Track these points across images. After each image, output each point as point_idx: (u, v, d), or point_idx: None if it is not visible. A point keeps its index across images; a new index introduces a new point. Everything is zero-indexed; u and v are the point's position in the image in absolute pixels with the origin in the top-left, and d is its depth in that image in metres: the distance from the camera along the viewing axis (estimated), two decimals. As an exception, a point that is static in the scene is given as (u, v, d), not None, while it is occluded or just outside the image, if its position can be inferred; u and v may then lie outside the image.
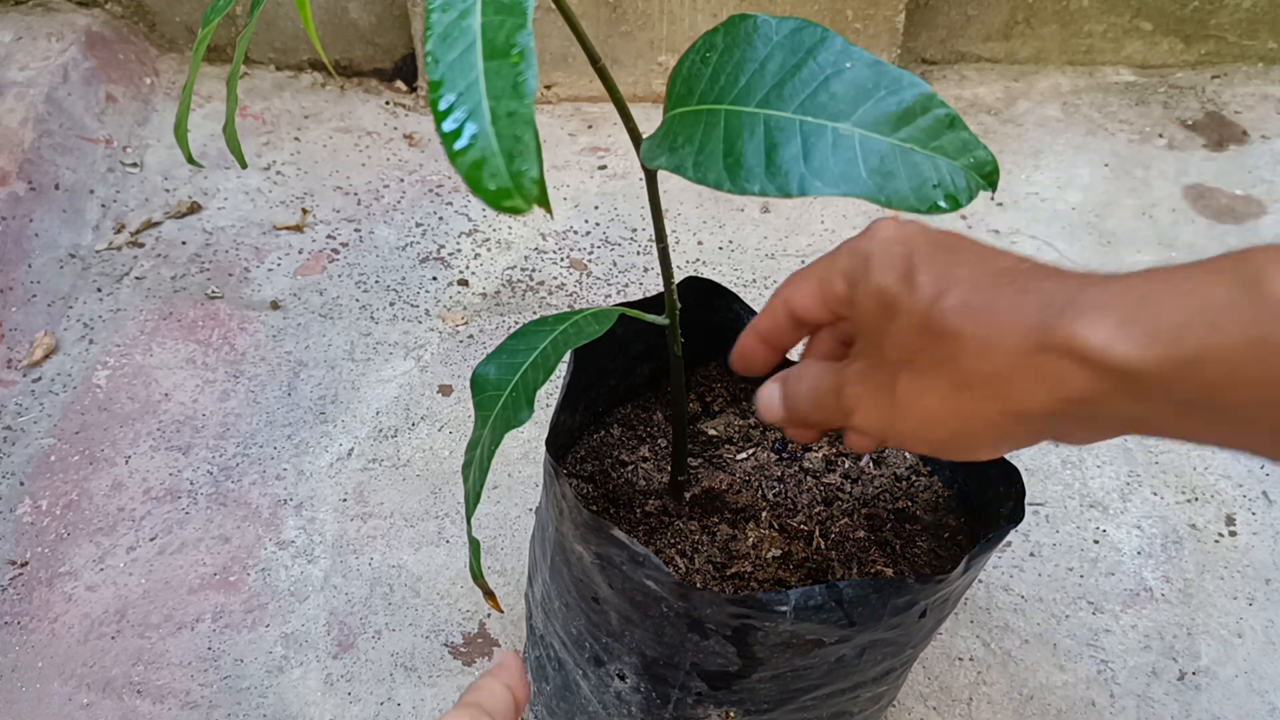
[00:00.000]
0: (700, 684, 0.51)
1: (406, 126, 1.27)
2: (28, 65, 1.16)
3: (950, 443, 0.35)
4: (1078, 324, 0.30)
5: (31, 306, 1.00)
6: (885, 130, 0.32)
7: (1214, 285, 0.29)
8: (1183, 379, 0.29)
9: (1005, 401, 0.33)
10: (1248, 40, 1.37)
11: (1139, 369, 0.29)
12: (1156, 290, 0.29)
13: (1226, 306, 0.28)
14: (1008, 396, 0.33)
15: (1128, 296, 0.30)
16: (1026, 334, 0.32)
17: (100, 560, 0.83)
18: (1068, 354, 0.31)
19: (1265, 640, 0.80)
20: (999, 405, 0.33)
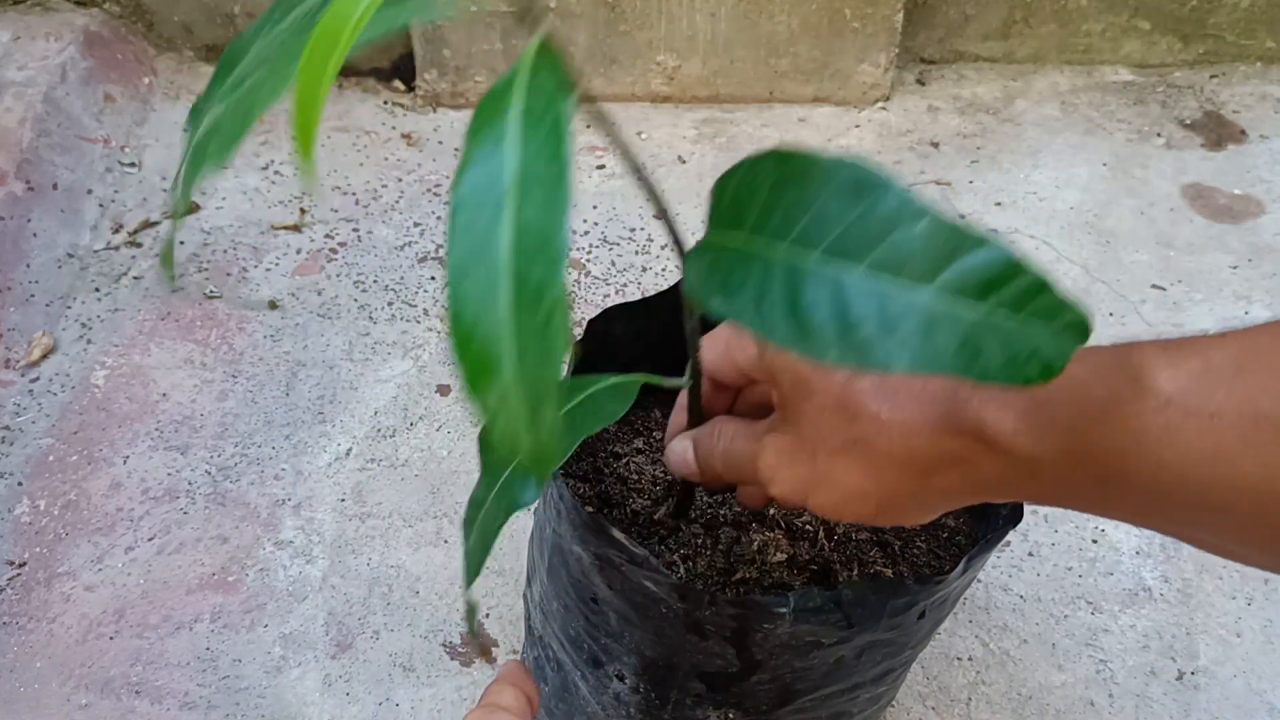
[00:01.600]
0: (699, 685, 0.51)
1: (405, 126, 1.27)
2: (26, 65, 1.16)
3: (876, 516, 0.36)
4: (984, 412, 0.32)
5: (29, 306, 1.00)
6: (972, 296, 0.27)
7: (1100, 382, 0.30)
8: (1077, 470, 0.31)
9: (925, 480, 0.34)
10: (1246, 40, 1.37)
11: (1039, 460, 0.31)
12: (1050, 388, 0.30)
13: (1110, 402, 0.30)
14: (927, 477, 0.34)
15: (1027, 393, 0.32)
16: (938, 421, 0.33)
17: (98, 560, 0.83)
18: (976, 441, 0.32)
19: (1264, 640, 0.80)
20: (920, 484, 0.35)
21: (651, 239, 1.12)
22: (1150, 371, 0.29)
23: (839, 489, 0.36)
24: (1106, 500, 0.31)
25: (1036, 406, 0.31)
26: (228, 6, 1.28)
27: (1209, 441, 0.28)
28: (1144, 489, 0.30)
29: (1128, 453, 0.29)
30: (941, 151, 1.26)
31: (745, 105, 1.32)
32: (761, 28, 1.25)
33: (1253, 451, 0.27)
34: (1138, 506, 0.31)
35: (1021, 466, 0.32)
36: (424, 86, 1.29)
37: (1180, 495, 0.29)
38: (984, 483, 0.33)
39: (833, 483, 0.36)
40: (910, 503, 0.36)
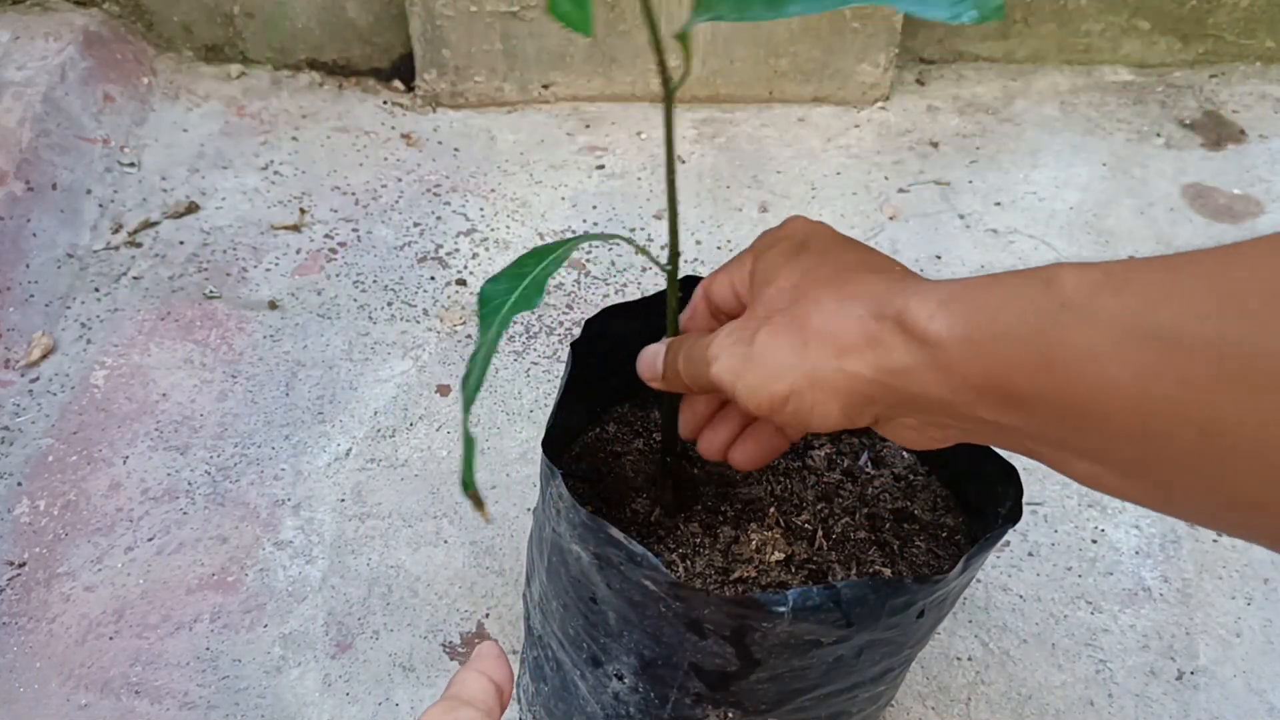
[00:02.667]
0: (698, 684, 0.51)
1: (404, 126, 1.27)
2: (25, 65, 1.16)
3: (789, 399, 0.37)
4: (910, 300, 0.34)
5: (29, 306, 1.00)
6: None
7: (1016, 282, 0.32)
8: (976, 358, 0.32)
9: (841, 361, 0.36)
10: (1246, 39, 1.37)
11: (945, 345, 0.33)
12: (977, 284, 0.33)
13: (1016, 299, 0.31)
14: (844, 357, 0.36)
15: (955, 286, 0.34)
16: (870, 303, 0.36)
17: (98, 561, 0.83)
18: (896, 325, 0.34)
19: (1263, 640, 0.80)
20: (835, 364, 0.36)
21: (651, 239, 1.12)
22: (1061, 276, 0.31)
23: (765, 365, 0.38)
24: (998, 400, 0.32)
25: (955, 297, 0.33)
26: (227, 6, 1.28)
27: (1087, 342, 0.29)
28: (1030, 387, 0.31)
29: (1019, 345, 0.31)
30: (941, 151, 1.26)
31: (745, 105, 1.32)
32: (761, 28, 1.25)
33: (1123, 356, 0.28)
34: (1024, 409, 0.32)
35: (928, 353, 0.33)
36: (424, 86, 1.29)
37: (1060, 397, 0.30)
38: (892, 368, 0.34)
39: (763, 359, 0.38)
40: (822, 389, 0.36)
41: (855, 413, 0.37)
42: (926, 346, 0.33)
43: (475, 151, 1.24)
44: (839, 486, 0.59)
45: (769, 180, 1.21)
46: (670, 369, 0.45)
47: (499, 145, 1.25)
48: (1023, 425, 0.32)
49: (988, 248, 1.13)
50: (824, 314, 0.37)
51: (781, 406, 0.38)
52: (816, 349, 0.36)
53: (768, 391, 0.38)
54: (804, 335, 0.37)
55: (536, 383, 0.98)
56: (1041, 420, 0.32)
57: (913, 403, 0.35)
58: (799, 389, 0.37)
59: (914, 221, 1.16)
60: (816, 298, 0.37)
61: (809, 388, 0.37)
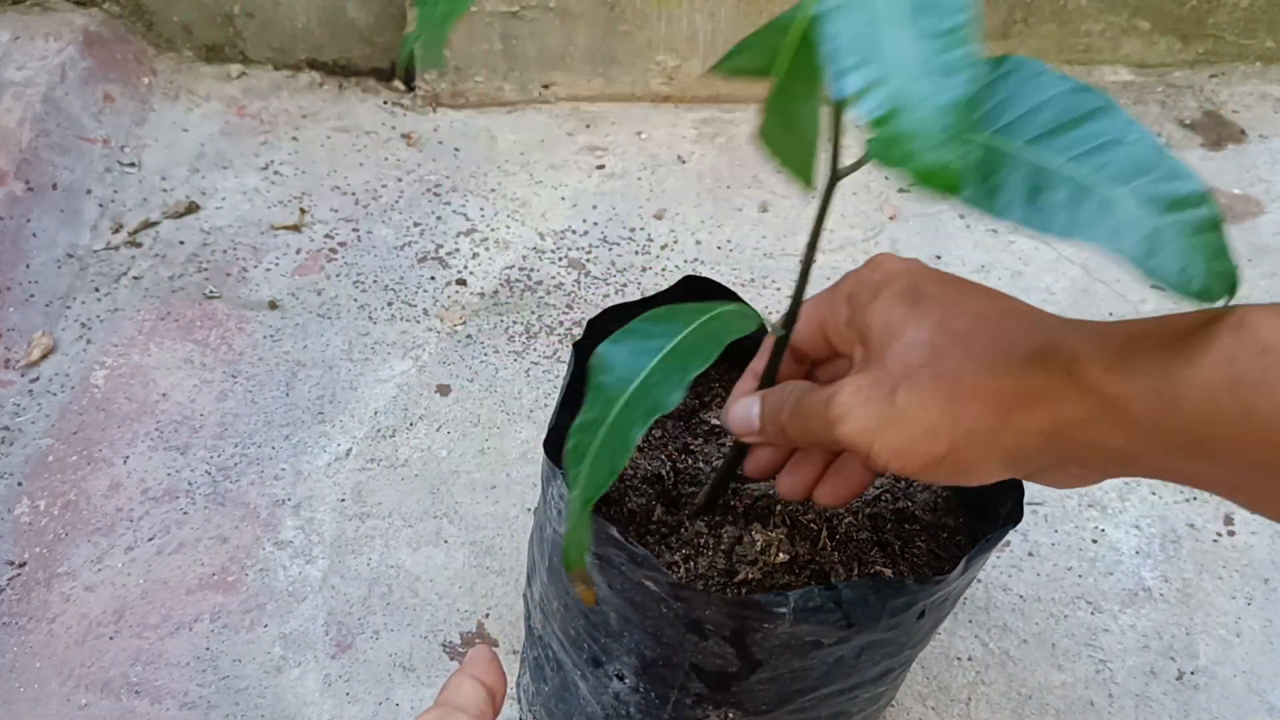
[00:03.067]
0: (699, 685, 0.51)
1: (404, 126, 1.27)
2: (25, 65, 1.16)
3: (946, 458, 0.35)
4: (1079, 350, 0.32)
5: (29, 306, 1.00)
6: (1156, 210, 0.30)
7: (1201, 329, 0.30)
8: (1165, 410, 0.30)
9: (1006, 417, 0.34)
10: (1246, 39, 1.37)
11: (1129, 398, 0.31)
12: (1150, 328, 0.31)
13: (1208, 345, 0.30)
14: (1009, 413, 0.34)
15: (1124, 331, 0.32)
16: (1030, 355, 0.33)
17: (98, 560, 0.83)
18: (1069, 376, 0.32)
19: (1264, 640, 0.81)
20: (999, 420, 0.34)
21: (651, 239, 1.12)
22: (1252, 320, 0.29)
23: (912, 425, 0.35)
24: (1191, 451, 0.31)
25: (1131, 345, 0.31)
26: (228, 6, 1.28)
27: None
28: (1231, 438, 0.29)
29: (1219, 395, 0.29)
30: (941, 151, 1.26)
31: (745, 105, 1.32)
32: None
33: None
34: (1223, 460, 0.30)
35: (1108, 405, 0.31)
36: (424, 86, 1.29)
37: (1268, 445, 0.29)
38: (1066, 423, 0.33)
39: (907, 419, 0.35)
40: (984, 446, 0.34)
41: (1018, 466, 0.35)
42: (1105, 400, 0.31)
43: (475, 151, 1.24)
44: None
45: (769, 180, 1.21)
46: (771, 423, 0.42)
47: (499, 145, 1.25)
48: (1217, 475, 0.31)
49: (988, 248, 1.13)
50: (978, 369, 0.34)
51: (937, 466, 0.35)
52: (975, 407, 0.34)
53: (920, 452, 0.35)
54: (956, 394, 0.35)
55: (536, 383, 0.98)
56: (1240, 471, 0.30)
57: (1086, 455, 0.33)
58: (957, 448, 0.35)
59: (914, 221, 1.16)
60: (964, 352, 0.35)
61: (968, 446, 0.35)
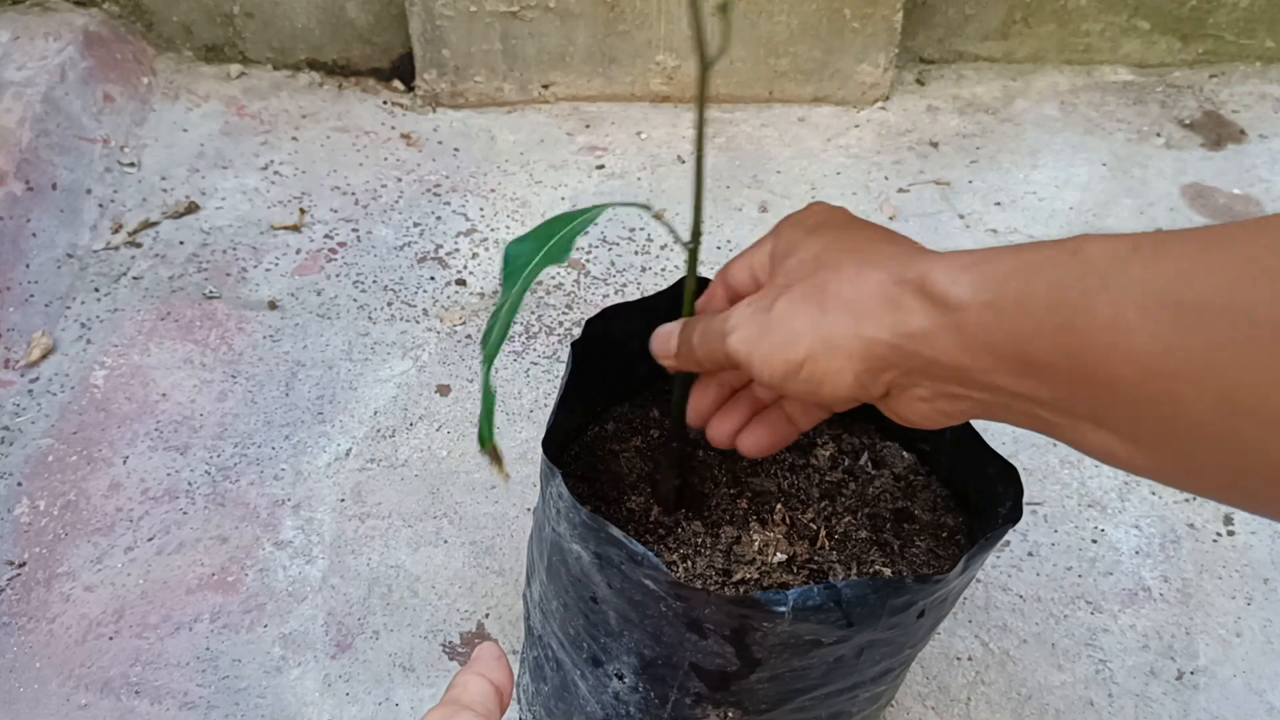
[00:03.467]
0: (699, 684, 0.51)
1: (404, 126, 1.27)
2: (25, 65, 1.16)
3: (804, 364, 0.37)
4: (933, 264, 0.35)
5: (29, 306, 1.00)
6: None
7: (1042, 250, 0.32)
8: (997, 323, 0.32)
9: (859, 325, 0.36)
10: (1245, 39, 1.37)
11: (966, 309, 0.33)
12: (1003, 252, 0.34)
13: (1043, 266, 0.32)
14: (861, 321, 0.36)
15: (977, 254, 0.34)
16: (891, 268, 0.36)
17: (98, 561, 0.83)
18: (917, 289, 0.35)
19: (1263, 640, 0.80)
20: (853, 330, 0.36)
21: (651, 239, 1.12)
22: (1088, 246, 0.31)
23: (781, 332, 0.38)
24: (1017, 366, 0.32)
25: (978, 263, 0.33)
26: (227, 6, 1.28)
27: (1112, 310, 0.29)
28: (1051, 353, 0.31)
29: (1041, 311, 0.31)
30: (941, 151, 1.26)
31: (745, 105, 1.32)
32: (761, 28, 1.25)
33: (1149, 324, 0.28)
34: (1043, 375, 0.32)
35: (949, 317, 0.33)
36: (424, 86, 1.29)
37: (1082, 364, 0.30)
38: (911, 331, 0.35)
39: (778, 326, 0.38)
40: (837, 355, 0.37)
41: (869, 379, 0.37)
42: (948, 310, 0.33)
43: (475, 151, 1.24)
44: (841, 485, 0.59)
45: (769, 180, 1.21)
46: (685, 345, 0.45)
47: (499, 145, 1.25)
48: (1040, 393, 0.33)
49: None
50: (843, 281, 0.37)
51: (795, 373, 0.38)
52: (835, 315, 0.37)
53: (782, 358, 0.38)
54: (823, 302, 0.37)
55: (536, 383, 0.98)
56: (1060, 387, 0.32)
57: (928, 369, 0.35)
58: (814, 354, 0.37)
59: (914, 221, 1.16)
60: (837, 265, 0.38)
61: (824, 353, 0.37)
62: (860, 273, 0.37)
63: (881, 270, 0.36)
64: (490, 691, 0.34)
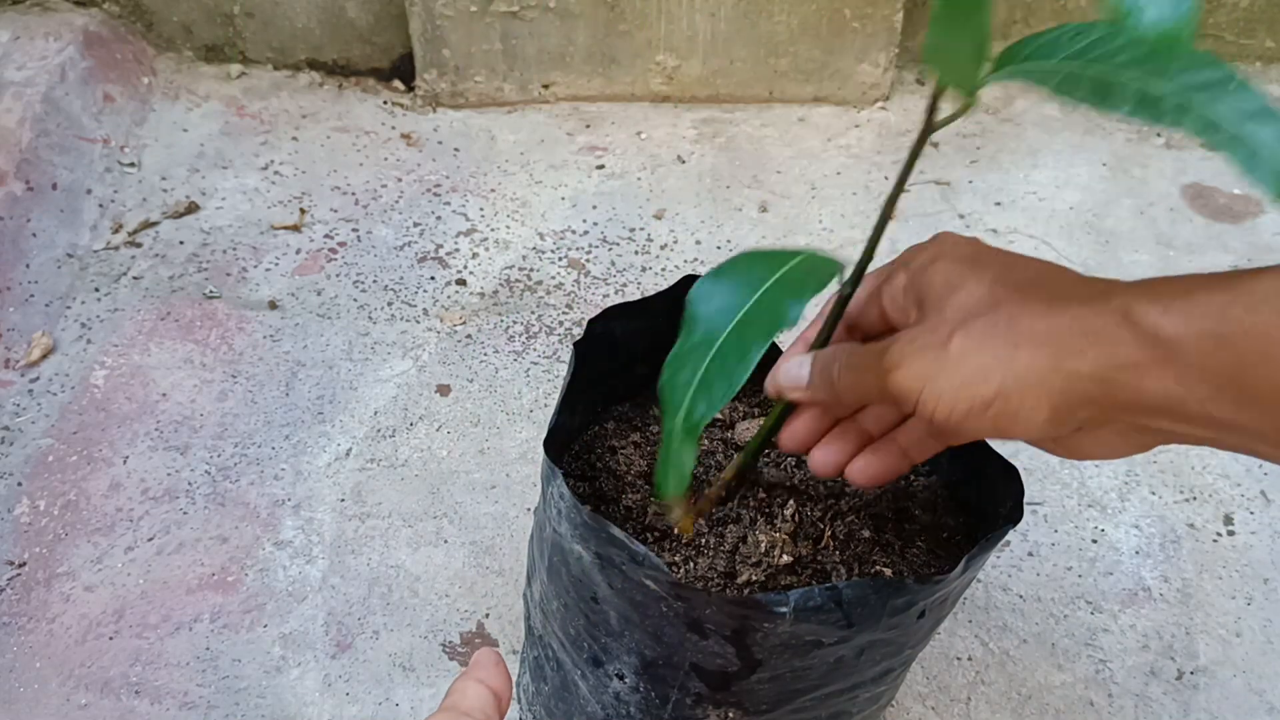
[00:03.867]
0: (699, 684, 0.51)
1: (404, 126, 1.27)
2: (25, 65, 1.16)
3: (994, 402, 0.35)
4: (1138, 295, 0.33)
5: (29, 306, 1.00)
6: None
7: (1261, 280, 0.31)
8: (1218, 352, 0.31)
9: (1058, 359, 0.34)
10: (1245, 39, 1.37)
11: (1184, 340, 0.32)
12: (1208, 281, 0.32)
13: (1268, 296, 0.30)
14: (1061, 355, 0.34)
15: (1183, 284, 0.33)
16: (1088, 300, 0.34)
17: (98, 560, 0.83)
18: (1123, 320, 0.33)
19: (1264, 640, 0.81)
20: (1052, 363, 0.34)
21: (651, 239, 1.12)
22: None
23: (963, 369, 0.35)
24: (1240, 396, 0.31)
25: (1189, 291, 0.32)
26: (227, 6, 1.28)
27: None
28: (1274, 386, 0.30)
29: (1272, 339, 0.30)
30: (941, 151, 1.26)
31: (745, 105, 1.32)
32: (761, 28, 1.25)
33: None
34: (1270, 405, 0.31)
35: (1162, 347, 0.32)
36: (424, 86, 1.29)
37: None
38: (1119, 366, 0.33)
39: (960, 363, 0.36)
40: (1033, 391, 0.34)
41: (1066, 415, 0.35)
42: (1160, 343, 0.32)
43: (475, 151, 1.24)
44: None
45: (769, 180, 1.21)
46: (821, 377, 0.43)
47: (499, 145, 1.25)
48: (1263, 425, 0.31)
49: (988, 248, 1.13)
50: (1035, 315, 0.35)
51: (982, 411, 0.35)
52: (1029, 350, 0.34)
53: (969, 394, 0.35)
54: (1013, 338, 0.35)
55: (536, 383, 0.98)
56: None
57: (1133, 404, 0.34)
58: (1007, 391, 0.35)
59: (914, 221, 1.16)
60: (1022, 300, 0.35)
61: (1018, 389, 0.35)
62: (1053, 307, 0.34)
63: (1077, 304, 0.34)
64: (489, 697, 0.34)
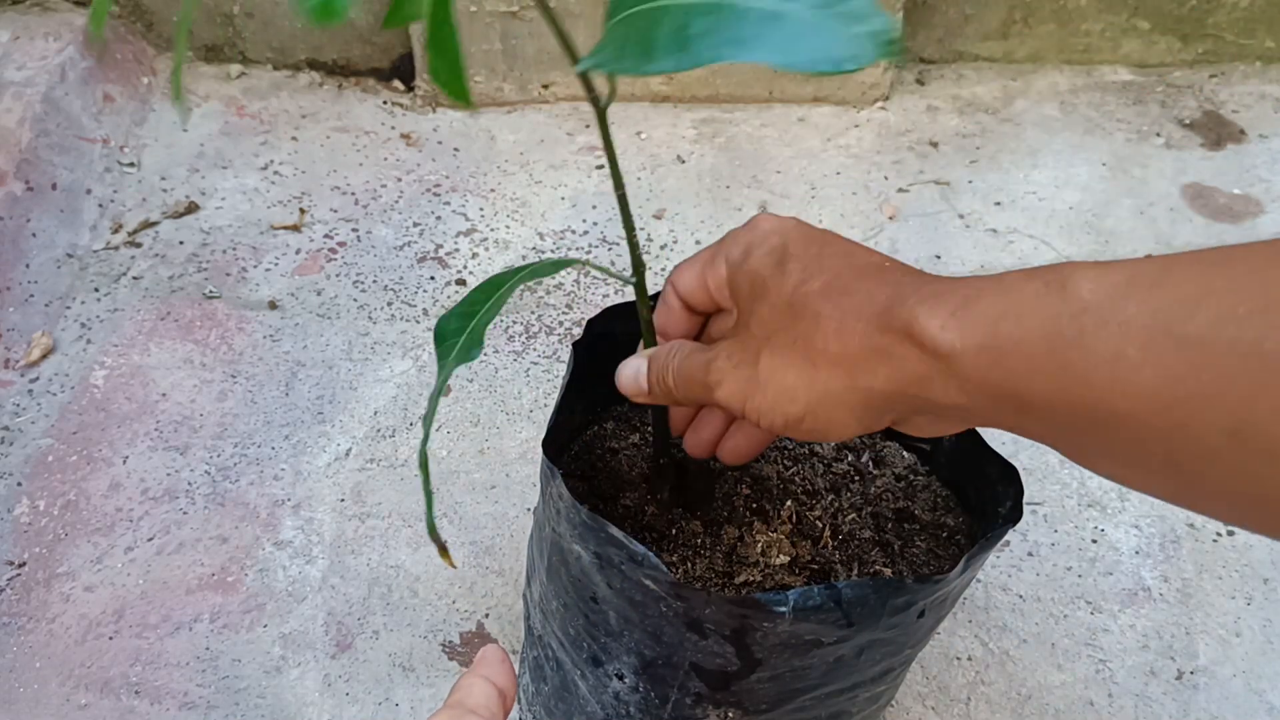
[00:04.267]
0: (699, 684, 0.51)
1: (404, 126, 1.27)
2: (25, 65, 1.16)
3: (804, 419, 0.37)
4: (918, 310, 0.33)
5: (29, 306, 1.00)
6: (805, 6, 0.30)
7: (1028, 287, 0.31)
8: (993, 367, 0.32)
9: (853, 378, 0.36)
10: (1245, 39, 1.37)
11: (960, 355, 0.32)
12: (986, 288, 0.33)
13: (1034, 305, 0.31)
14: (855, 374, 0.36)
15: (962, 292, 0.33)
16: (874, 318, 0.35)
17: (98, 561, 0.83)
18: (906, 337, 0.34)
19: (1263, 639, 0.81)
20: (847, 382, 0.36)
21: (651, 239, 1.12)
22: (1075, 280, 0.30)
23: (773, 388, 0.38)
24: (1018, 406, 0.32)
25: (966, 305, 0.33)
26: (227, 6, 1.28)
27: (1112, 346, 0.29)
28: (1050, 393, 0.30)
29: (1037, 353, 0.30)
30: (941, 151, 1.26)
31: (744, 105, 1.32)
32: (761, 28, 1.24)
33: (1153, 359, 0.28)
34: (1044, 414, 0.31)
35: (942, 363, 0.33)
36: (423, 86, 1.29)
37: (1083, 401, 0.30)
38: (907, 379, 0.34)
39: (769, 382, 0.38)
40: (837, 407, 0.36)
41: (872, 420, 0.37)
42: (940, 358, 0.33)
43: (475, 151, 1.24)
44: (847, 479, 0.59)
45: (769, 180, 1.21)
46: (658, 385, 0.44)
47: (499, 145, 1.25)
48: (1042, 431, 0.32)
49: (987, 248, 1.13)
50: (827, 335, 0.36)
51: (798, 424, 0.38)
52: (825, 370, 0.36)
53: (781, 413, 0.38)
54: (810, 356, 0.36)
55: (536, 383, 0.98)
56: (1061, 426, 0.31)
57: (928, 406, 0.35)
58: (813, 409, 0.37)
59: (914, 221, 1.16)
60: (815, 314, 0.37)
61: (823, 407, 0.37)
62: (844, 325, 0.36)
63: (863, 321, 0.35)
64: (494, 695, 0.34)
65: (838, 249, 0.40)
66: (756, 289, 0.39)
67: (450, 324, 0.43)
